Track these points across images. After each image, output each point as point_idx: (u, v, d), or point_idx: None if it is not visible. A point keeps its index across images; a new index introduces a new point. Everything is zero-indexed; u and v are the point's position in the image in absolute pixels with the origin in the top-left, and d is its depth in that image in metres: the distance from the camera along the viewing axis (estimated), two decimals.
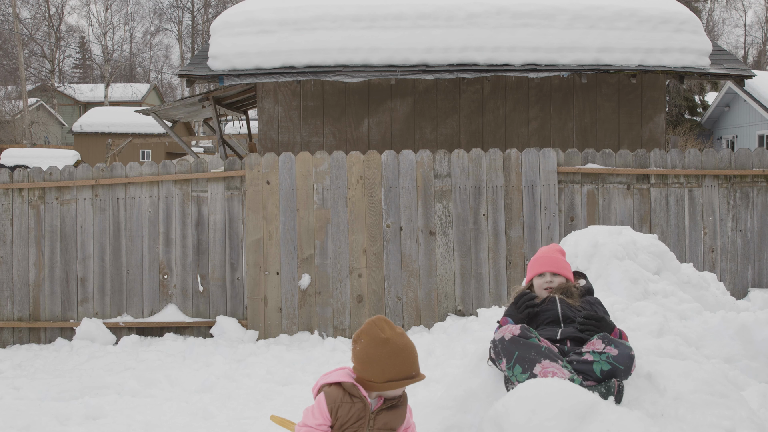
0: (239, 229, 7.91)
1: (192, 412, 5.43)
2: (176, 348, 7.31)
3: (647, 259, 5.22)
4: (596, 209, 7.87)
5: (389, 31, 9.73)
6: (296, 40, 9.70)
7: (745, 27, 54.05)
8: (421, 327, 7.69)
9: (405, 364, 2.75)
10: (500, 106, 10.59)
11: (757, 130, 24.34)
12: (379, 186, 7.79)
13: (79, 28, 58.60)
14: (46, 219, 8.04)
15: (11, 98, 41.57)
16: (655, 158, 7.90)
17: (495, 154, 7.86)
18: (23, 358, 7.37)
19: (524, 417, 2.78)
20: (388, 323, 2.79)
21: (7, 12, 39.68)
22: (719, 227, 7.95)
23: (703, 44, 9.93)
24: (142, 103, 46.75)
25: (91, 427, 5.12)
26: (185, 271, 7.95)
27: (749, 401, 3.38)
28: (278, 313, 7.79)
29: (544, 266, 3.74)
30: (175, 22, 53.71)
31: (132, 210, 7.98)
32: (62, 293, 8.02)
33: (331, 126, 10.62)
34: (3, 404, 5.64)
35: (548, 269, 3.72)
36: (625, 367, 3.12)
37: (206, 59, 10.22)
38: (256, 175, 7.84)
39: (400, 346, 2.75)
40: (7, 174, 8.15)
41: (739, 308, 5.54)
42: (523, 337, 3.19)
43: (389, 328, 2.77)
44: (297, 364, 6.64)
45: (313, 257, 7.79)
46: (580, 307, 3.52)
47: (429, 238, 7.79)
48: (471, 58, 9.67)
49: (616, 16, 9.82)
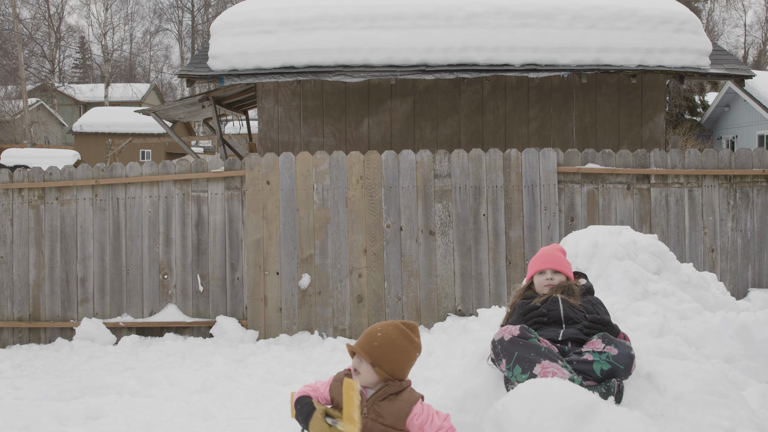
0: (239, 229, 7.91)
1: (192, 412, 5.43)
2: (176, 348, 7.31)
3: (647, 259, 5.22)
4: (596, 209, 7.87)
5: (389, 31, 9.73)
6: (296, 40, 9.70)
7: (745, 27, 54.07)
8: (421, 327, 7.69)
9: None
10: (500, 106, 10.59)
11: (757, 130, 24.34)
12: (379, 186, 7.79)
13: (79, 28, 58.64)
14: (46, 219, 8.04)
15: (11, 98, 41.57)
16: (655, 158, 7.90)
17: (495, 154, 7.86)
18: (23, 358, 7.36)
19: (524, 417, 2.78)
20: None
21: (7, 12, 39.68)
22: (719, 227, 7.95)
23: (703, 44, 9.93)
24: (142, 103, 46.77)
25: (91, 427, 5.12)
26: (185, 271, 7.95)
27: (749, 401, 3.37)
28: (278, 313, 7.79)
29: (545, 263, 3.75)
30: (175, 22, 53.74)
31: (132, 210, 7.98)
32: (62, 293, 8.02)
33: (331, 126, 10.62)
34: (3, 404, 5.63)
35: (549, 266, 3.73)
36: (625, 366, 3.12)
37: (206, 59, 10.22)
38: (256, 175, 7.83)
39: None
40: (7, 174, 8.15)
41: (739, 308, 5.54)
42: (522, 338, 3.19)
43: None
44: (297, 364, 6.64)
45: (313, 257, 7.79)
46: (582, 307, 3.52)
47: (429, 238, 7.79)
48: (471, 58, 9.67)
49: (616, 16, 9.82)
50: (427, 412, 2.86)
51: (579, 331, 3.35)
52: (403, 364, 2.92)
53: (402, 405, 2.85)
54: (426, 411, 2.87)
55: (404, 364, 2.93)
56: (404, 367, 2.93)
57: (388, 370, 2.87)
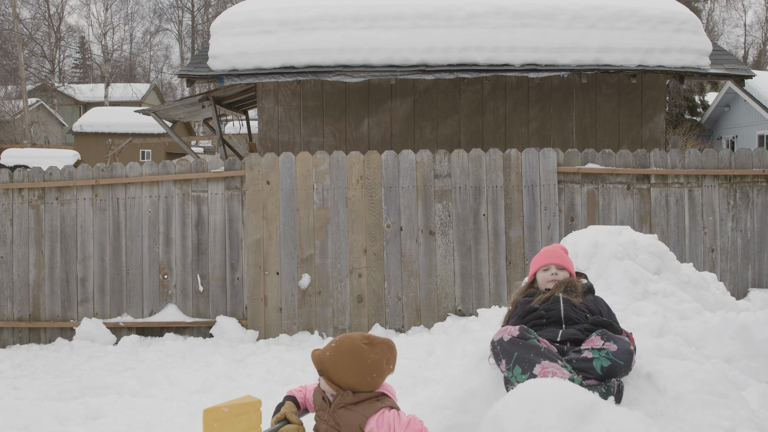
0: (239, 229, 7.91)
1: (192, 412, 5.43)
2: (176, 348, 7.31)
3: (647, 259, 5.22)
4: (596, 209, 7.87)
5: (389, 31, 9.73)
6: (296, 40, 9.70)
7: (745, 27, 54.06)
8: (421, 327, 7.69)
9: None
10: (500, 106, 10.58)
11: (757, 130, 24.34)
12: (379, 186, 7.79)
13: (79, 28, 58.62)
14: (46, 219, 8.04)
15: (11, 98, 41.57)
16: (655, 158, 7.90)
17: (495, 154, 7.86)
18: (23, 358, 7.37)
19: (524, 417, 2.78)
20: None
21: (7, 12, 39.68)
22: (719, 227, 7.95)
23: (703, 44, 9.93)
24: (142, 103, 46.76)
25: (91, 427, 5.12)
26: (185, 271, 7.95)
27: (749, 401, 3.37)
28: (278, 313, 7.79)
29: (549, 259, 3.75)
30: (175, 22, 53.73)
31: (132, 210, 7.99)
32: (62, 293, 8.02)
33: (331, 126, 10.62)
34: (3, 404, 5.64)
35: (554, 262, 3.73)
36: (625, 362, 3.11)
37: (206, 59, 10.22)
38: (256, 175, 7.83)
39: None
40: (7, 174, 8.15)
41: (739, 308, 5.54)
42: (522, 338, 3.19)
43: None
44: (297, 364, 6.64)
45: (313, 257, 7.79)
46: (583, 306, 3.52)
47: (429, 238, 7.79)
48: (471, 58, 9.67)
49: (616, 16, 9.82)
50: (387, 425, 2.76)
51: (578, 332, 3.35)
52: (352, 378, 2.82)
53: (357, 416, 2.80)
54: (386, 424, 2.77)
55: (354, 378, 2.82)
56: (355, 380, 2.82)
57: (335, 381, 2.83)
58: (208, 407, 2.86)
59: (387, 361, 2.89)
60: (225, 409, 2.80)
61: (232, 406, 2.82)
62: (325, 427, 2.84)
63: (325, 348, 2.90)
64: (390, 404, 2.85)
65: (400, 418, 2.79)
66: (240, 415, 2.82)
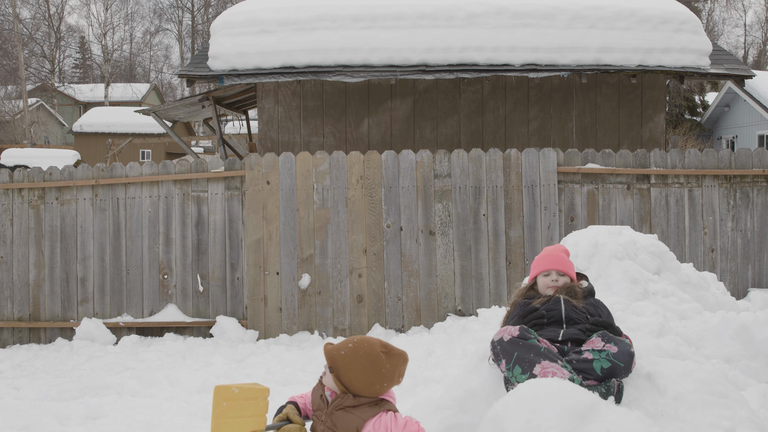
0: (239, 229, 7.91)
1: (192, 412, 5.43)
2: (176, 348, 7.31)
3: (647, 259, 5.22)
4: (596, 209, 7.87)
5: (389, 31, 9.73)
6: (296, 40, 9.70)
7: (745, 27, 54.06)
8: (421, 327, 7.70)
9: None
10: (500, 106, 10.59)
11: (757, 130, 24.34)
12: (379, 186, 7.79)
13: (79, 28, 58.61)
14: (46, 219, 8.04)
15: (11, 98, 41.56)
16: (655, 158, 7.90)
17: (495, 154, 7.86)
18: (23, 358, 7.37)
19: (524, 417, 2.78)
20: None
21: (7, 12, 39.68)
22: (719, 227, 7.95)
23: (703, 44, 9.93)
24: (142, 103, 46.75)
25: (91, 427, 5.12)
26: (185, 271, 7.95)
27: (749, 401, 3.37)
28: (278, 313, 7.79)
29: (550, 264, 3.73)
30: (175, 22, 53.73)
31: (132, 210, 7.99)
32: (62, 293, 8.02)
33: (331, 126, 10.62)
34: (3, 404, 5.64)
35: (554, 267, 3.71)
36: (625, 364, 3.11)
37: (206, 59, 10.22)
38: (256, 175, 7.84)
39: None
40: (7, 174, 8.15)
41: (739, 308, 5.54)
42: (522, 338, 3.18)
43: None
44: (297, 364, 6.64)
45: (313, 257, 7.79)
46: (584, 308, 3.52)
47: (429, 238, 7.79)
48: (471, 58, 9.67)
49: (616, 16, 9.82)
50: (384, 428, 2.76)
51: (579, 332, 3.35)
52: (363, 383, 2.80)
53: (355, 419, 2.79)
54: (383, 427, 2.77)
55: (364, 383, 2.80)
56: (364, 386, 2.81)
57: (344, 381, 2.80)
58: (220, 384, 2.88)
59: (399, 374, 2.88)
60: (235, 389, 2.81)
61: (242, 388, 2.83)
62: (322, 428, 2.84)
63: (340, 345, 2.85)
64: (388, 407, 2.84)
65: (396, 420, 2.79)
66: (249, 399, 2.84)
